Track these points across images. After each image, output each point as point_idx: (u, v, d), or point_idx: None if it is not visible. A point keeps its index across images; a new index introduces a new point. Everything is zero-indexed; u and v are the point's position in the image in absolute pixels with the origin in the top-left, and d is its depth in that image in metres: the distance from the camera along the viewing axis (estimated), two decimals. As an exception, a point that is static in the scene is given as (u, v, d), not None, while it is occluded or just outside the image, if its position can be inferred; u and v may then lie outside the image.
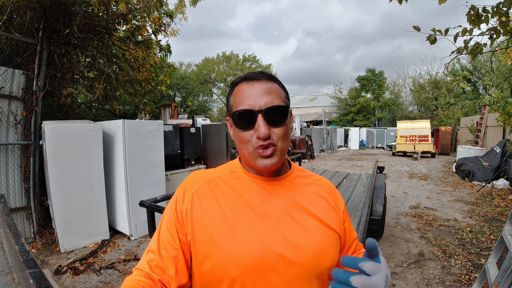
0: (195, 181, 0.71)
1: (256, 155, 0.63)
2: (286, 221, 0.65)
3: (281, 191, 0.69)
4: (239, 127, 0.64)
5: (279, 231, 0.63)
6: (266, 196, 0.67)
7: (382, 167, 5.69)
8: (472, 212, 5.15)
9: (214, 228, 0.63)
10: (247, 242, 0.61)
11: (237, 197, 0.66)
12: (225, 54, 28.71)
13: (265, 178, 0.69)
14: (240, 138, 0.65)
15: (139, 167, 3.95)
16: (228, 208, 0.65)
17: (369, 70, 25.76)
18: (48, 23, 3.86)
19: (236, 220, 0.63)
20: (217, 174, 0.72)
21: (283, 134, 0.64)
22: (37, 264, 0.98)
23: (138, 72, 5.17)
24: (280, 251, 0.61)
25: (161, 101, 15.00)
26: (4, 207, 1.84)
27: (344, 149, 21.57)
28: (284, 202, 0.67)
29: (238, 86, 0.67)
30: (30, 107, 3.74)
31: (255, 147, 0.62)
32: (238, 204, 0.65)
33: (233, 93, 0.67)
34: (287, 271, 0.61)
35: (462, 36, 2.38)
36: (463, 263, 3.17)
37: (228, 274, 0.59)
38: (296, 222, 0.66)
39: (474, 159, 8.74)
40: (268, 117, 0.62)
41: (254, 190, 0.67)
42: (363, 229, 1.64)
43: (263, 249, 0.60)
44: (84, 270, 3.00)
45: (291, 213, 0.66)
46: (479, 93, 20.75)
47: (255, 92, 0.63)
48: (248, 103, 0.62)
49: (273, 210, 0.65)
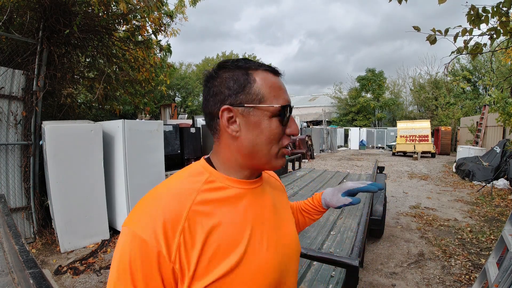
0: (170, 215, 0.48)
1: (281, 154, 0.58)
2: (277, 220, 0.63)
3: (265, 189, 0.65)
4: (282, 122, 0.56)
5: (280, 229, 0.63)
6: (259, 201, 0.61)
7: (382, 167, 5.69)
8: (472, 212, 5.15)
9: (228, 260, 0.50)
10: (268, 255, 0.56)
11: (242, 210, 0.56)
12: (225, 54, 28.72)
13: (252, 181, 0.61)
14: (274, 134, 0.55)
15: (139, 167, 3.95)
16: (229, 231, 0.53)
17: (369, 70, 25.76)
18: (48, 23, 3.86)
19: (246, 240, 0.54)
20: (191, 193, 0.53)
21: None
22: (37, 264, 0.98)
23: (138, 72, 5.17)
24: (289, 252, 0.63)
25: (161, 101, 15.01)
26: (4, 207, 1.84)
27: (344, 149, 21.57)
28: (270, 201, 0.64)
29: (262, 73, 0.56)
30: (30, 107, 3.74)
31: (283, 145, 0.58)
32: (238, 223, 0.54)
33: (255, 80, 0.55)
34: (295, 264, 0.65)
35: (462, 36, 2.38)
36: (463, 263, 3.17)
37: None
38: (281, 215, 0.66)
39: (474, 159, 8.74)
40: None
41: (246, 200, 0.58)
42: (363, 229, 1.64)
43: (280, 257, 0.59)
44: (84, 270, 3.00)
45: (276, 210, 0.65)
46: (479, 93, 20.75)
47: (284, 87, 0.59)
48: (285, 98, 0.57)
49: (266, 213, 0.61)
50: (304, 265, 1.68)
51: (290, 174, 4.87)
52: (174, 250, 0.47)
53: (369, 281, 2.84)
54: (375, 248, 3.60)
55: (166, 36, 5.22)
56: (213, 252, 0.49)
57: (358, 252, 1.31)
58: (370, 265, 3.16)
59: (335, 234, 2.21)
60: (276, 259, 0.57)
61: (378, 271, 3.04)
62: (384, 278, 2.89)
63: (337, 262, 1.20)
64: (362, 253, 1.79)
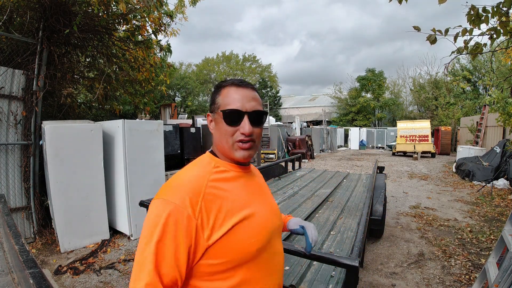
0: (193, 186, 0.69)
1: (237, 147, 0.76)
2: (265, 195, 0.87)
3: (253, 175, 0.88)
4: (227, 123, 0.75)
5: (269, 204, 0.85)
6: (251, 181, 0.84)
7: (382, 167, 5.68)
8: (472, 212, 5.15)
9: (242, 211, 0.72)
10: (264, 218, 0.78)
11: (238, 186, 0.78)
12: (225, 54, 28.70)
13: (243, 167, 0.83)
14: (224, 131, 0.76)
15: (139, 167, 3.95)
16: (239, 195, 0.75)
17: (369, 70, 25.76)
18: (48, 23, 3.86)
19: (251, 202, 0.77)
20: (206, 172, 0.75)
21: (259, 134, 0.80)
22: (37, 264, 0.98)
23: (138, 72, 5.16)
24: (276, 221, 0.84)
25: (161, 101, 15.00)
26: (4, 207, 1.84)
27: (344, 149, 21.57)
28: (258, 182, 0.88)
29: (226, 88, 0.78)
30: (30, 107, 3.74)
31: (235, 140, 0.75)
32: (243, 191, 0.78)
33: (220, 93, 0.79)
34: (280, 227, 0.87)
35: (462, 36, 2.38)
36: (463, 263, 3.17)
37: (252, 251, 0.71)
38: (267, 192, 0.90)
39: (474, 159, 8.74)
40: (252, 118, 0.75)
41: (243, 179, 0.81)
42: (363, 229, 1.64)
43: (271, 222, 0.80)
44: (84, 270, 3.00)
45: (264, 188, 0.90)
46: (479, 93, 20.75)
47: (243, 96, 0.76)
48: (236, 105, 0.75)
49: (257, 189, 0.85)
50: (304, 265, 1.68)
51: (290, 174, 4.87)
52: (197, 212, 0.66)
53: (369, 281, 2.84)
54: (375, 248, 3.60)
55: (166, 36, 5.23)
56: (226, 212, 0.70)
57: (358, 252, 1.31)
58: (370, 265, 3.16)
59: (335, 234, 2.21)
60: (270, 219, 0.81)
61: (378, 271, 3.04)
62: (384, 278, 2.89)
63: (337, 262, 1.20)
64: (362, 253, 1.79)
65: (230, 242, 0.68)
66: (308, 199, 3.22)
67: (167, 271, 0.61)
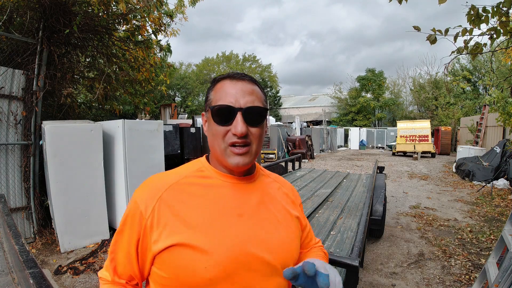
0: (156, 186, 0.65)
1: (229, 152, 0.63)
2: (259, 218, 0.66)
3: (252, 189, 0.70)
4: (216, 121, 0.64)
5: (254, 230, 0.64)
6: (239, 195, 0.67)
7: (382, 167, 5.68)
8: (472, 212, 5.15)
9: (186, 233, 0.59)
10: (224, 244, 0.60)
11: (209, 198, 0.64)
12: (225, 54, 28.71)
13: (236, 177, 0.68)
14: (215, 132, 0.64)
15: (139, 167, 3.95)
16: (200, 211, 0.62)
17: (369, 70, 25.77)
18: (48, 23, 3.86)
19: (210, 223, 0.61)
20: (182, 175, 0.67)
21: (259, 135, 0.66)
22: (37, 264, 0.98)
23: (138, 72, 5.16)
24: (256, 251, 0.62)
25: (161, 101, 15.00)
26: (4, 207, 1.84)
27: (344, 149, 21.57)
28: (256, 200, 0.68)
29: (220, 82, 0.67)
30: (30, 107, 3.74)
31: (228, 143, 0.63)
32: (210, 206, 0.63)
33: (214, 88, 0.67)
34: (262, 269, 0.63)
35: (462, 36, 2.38)
36: (463, 263, 3.17)
37: (204, 278, 0.58)
38: (269, 215, 0.68)
39: (474, 159, 8.74)
40: (247, 116, 0.63)
41: (225, 190, 0.66)
42: (363, 229, 1.64)
43: (239, 250, 0.61)
44: (84, 270, 3.00)
45: (263, 208, 0.68)
46: (479, 93, 20.76)
47: (238, 90, 0.64)
48: (229, 100, 0.63)
49: (246, 209, 0.66)
50: (304, 265, 1.67)
51: (290, 174, 4.87)
52: (149, 212, 0.61)
53: (369, 281, 2.84)
54: (375, 248, 3.60)
55: (166, 36, 5.23)
56: (171, 225, 0.60)
57: (358, 252, 1.31)
58: (370, 265, 3.16)
59: (335, 234, 2.21)
60: (246, 249, 0.61)
61: (378, 271, 3.04)
62: (384, 278, 2.89)
63: (337, 262, 1.20)
64: (362, 253, 1.79)
65: (174, 258, 0.59)
66: (308, 199, 3.22)
67: (121, 261, 0.64)
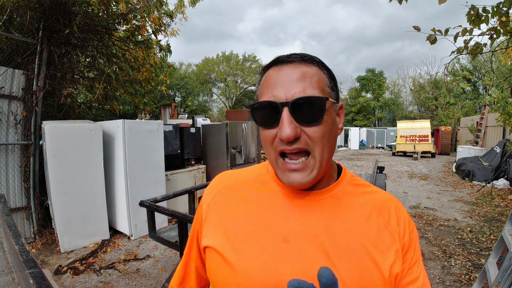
0: (218, 183, 0.62)
1: (281, 165, 0.49)
2: (312, 250, 0.48)
3: (318, 208, 0.52)
4: (259, 124, 0.50)
5: (299, 261, 0.48)
6: (292, 214, 0.51)
7: (382, 167, 5.68)
8: (472, 212, 5.15)
9: (222, 240, 0.53)
10: (251, 269, 0.48)
11: (255, 209, 0.54)
12: (225, 54, 28.70)
13: (297, 191, 0.53)
14: (262, 137, 0.51)
15: (139, 167, 3.95)
16: (243, 221, 0.53)
17: (369, 70, 25.79)
18: (48, 23, 3.86)
19: (245, 239, 0.51)
20: (243, 176, 0.61)
21: (321, 136, 0.48)
22: (37, 264, 0.98)
23: (138, 72, 5.17)
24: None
25: (161, 101, 15.00)
26: (4, 207, 1.84)
27: (344, 149, 21.57)
28: (315, 225, 0.50)
29: (267, 72, 0.52)
30: (30, 107, 3.74)
31: (277, 151, 0.49)
32: (254, 220, 0.52)
33: (261, 81, 0.53)
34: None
35: (462, 36, 2.38)
36: (463, 263, 3.17)
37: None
38: (325, 254, 0.48)
39: (474, 159, 8.74)
40: (297, 112, 0.46)
41: (278, 203, 0.53)
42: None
43: (271, 278, 0.47)
44: (84, 270, 3.00)
45: (322, 241, 0.49)
46: (479, 93, 20.77)
47: (283, 79, 0.48)
48: (272, 94, 0.48)
49: (297, 233, 0.50)
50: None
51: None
52: (205, 207, 0.60)
53: (369, 281, 2.84)
54: (375, 248, 3.60)
55: (166, 36, 5.23)
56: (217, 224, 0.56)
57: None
58: (370, 265, 3.16)
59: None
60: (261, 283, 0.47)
61: (378, 271, 3.03)
62: (384, 278, 2.89)
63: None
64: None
65: (210, 258, 0.55)
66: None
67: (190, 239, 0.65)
